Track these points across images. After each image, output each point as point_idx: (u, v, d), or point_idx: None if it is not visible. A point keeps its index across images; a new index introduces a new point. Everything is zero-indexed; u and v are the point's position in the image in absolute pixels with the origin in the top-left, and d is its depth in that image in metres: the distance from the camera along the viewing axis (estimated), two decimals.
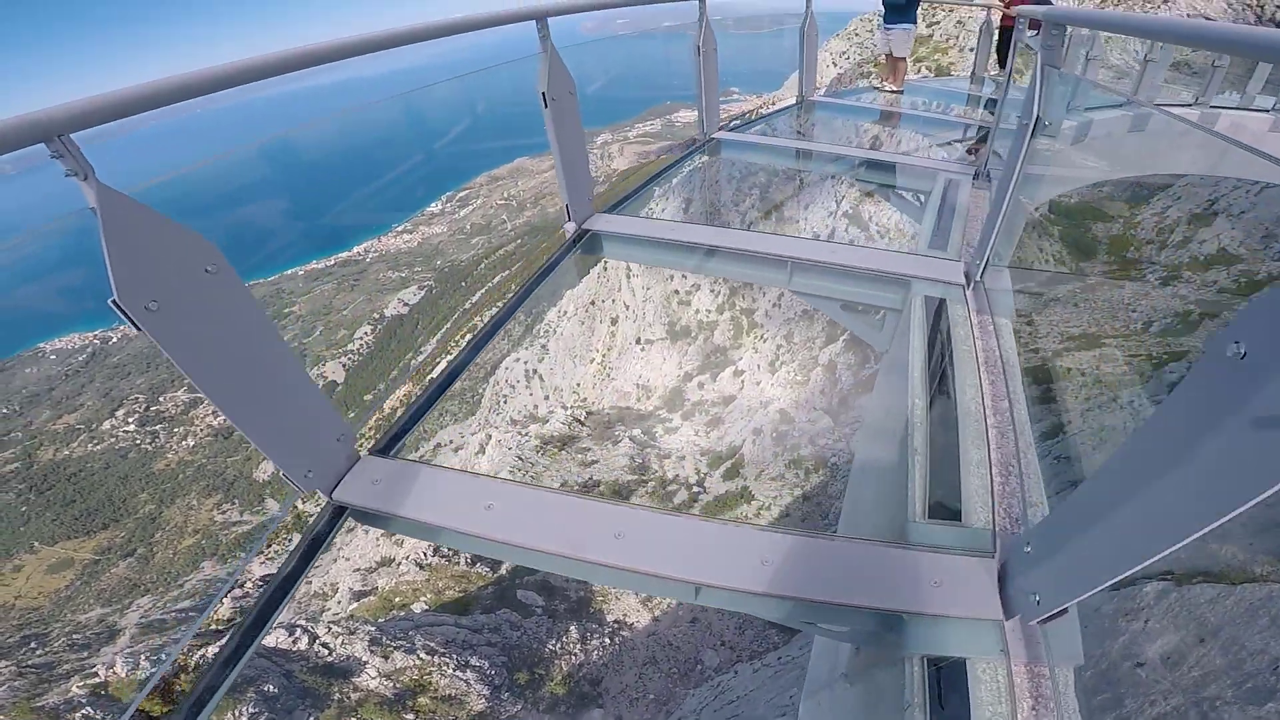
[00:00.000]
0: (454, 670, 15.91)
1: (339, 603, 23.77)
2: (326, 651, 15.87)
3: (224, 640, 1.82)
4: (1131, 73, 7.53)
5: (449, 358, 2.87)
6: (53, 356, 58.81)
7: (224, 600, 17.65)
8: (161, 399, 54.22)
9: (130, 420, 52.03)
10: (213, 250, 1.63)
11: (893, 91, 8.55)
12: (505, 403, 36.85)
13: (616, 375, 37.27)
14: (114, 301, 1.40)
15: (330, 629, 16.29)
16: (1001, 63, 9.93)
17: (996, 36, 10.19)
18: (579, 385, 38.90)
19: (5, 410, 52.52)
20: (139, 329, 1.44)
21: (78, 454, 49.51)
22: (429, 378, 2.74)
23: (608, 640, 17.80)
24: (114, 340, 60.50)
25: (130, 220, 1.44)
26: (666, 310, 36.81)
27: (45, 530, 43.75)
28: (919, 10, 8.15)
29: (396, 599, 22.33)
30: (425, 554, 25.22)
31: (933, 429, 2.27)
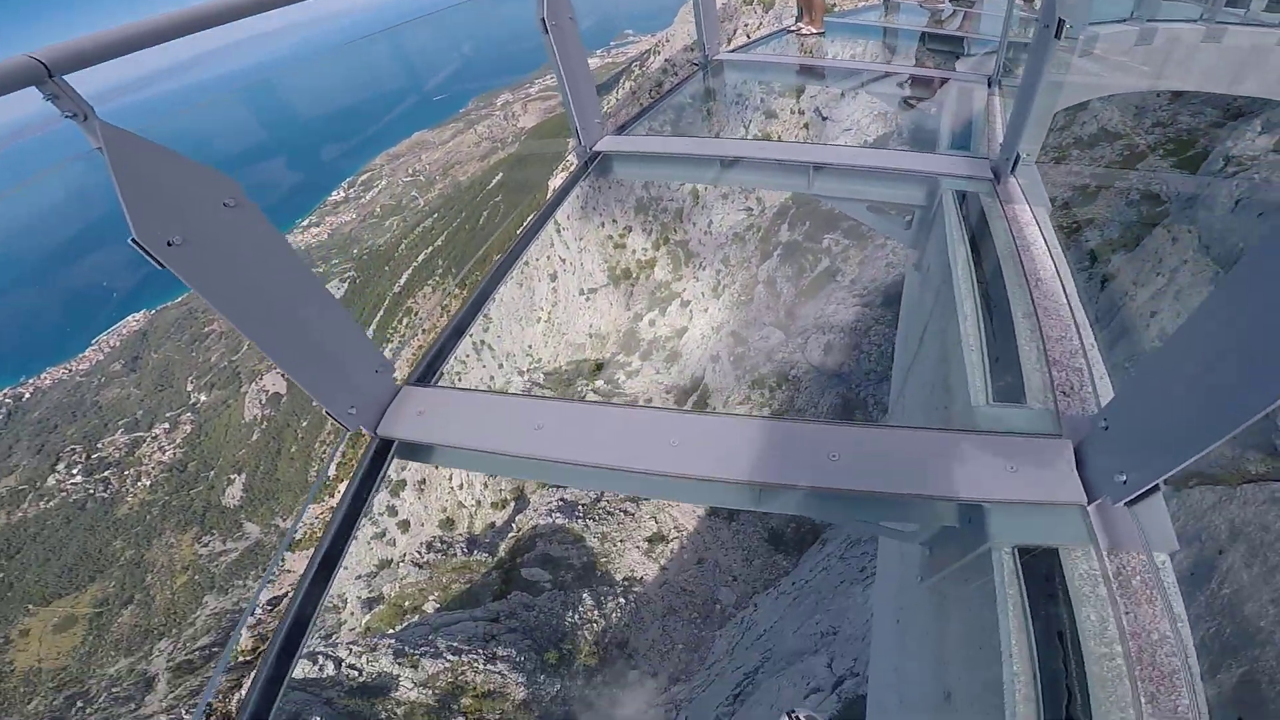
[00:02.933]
0: (485, 665, 16.00)
1: (352, 614, 23.51)
2: (356, 673, 15.76)
3: (275, 636, 1.69)
4: None
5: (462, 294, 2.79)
6: None
7: (244, 631, 17.31)
8: (100, 444, 51.09)
9: (75, 472, 49.03)
10: (231, 184, 1.59)
11: (814, 34, 7.39)
12: (459, 380, 36.29)
13: (567, 329, 36.85)
14: (133, 240, 1.40)
15: (351, 650, 16.14)
16: None
17: None
18: (530, 347, 38.46)
19: None
20: (161, 265, 1.43)
21: (32, 514, 46.76)
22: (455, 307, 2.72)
23: (623, 600, 18.13)
24: (27, 396, 56.43)
25: (140, 157, 1.43)
26: (604, 256, 36.26)
27: (32, 592, 41.90)
28: None
29: (406, 603, 22.18)
30: (420, 551, 25.02)
31: (981, 318, 2.24)
